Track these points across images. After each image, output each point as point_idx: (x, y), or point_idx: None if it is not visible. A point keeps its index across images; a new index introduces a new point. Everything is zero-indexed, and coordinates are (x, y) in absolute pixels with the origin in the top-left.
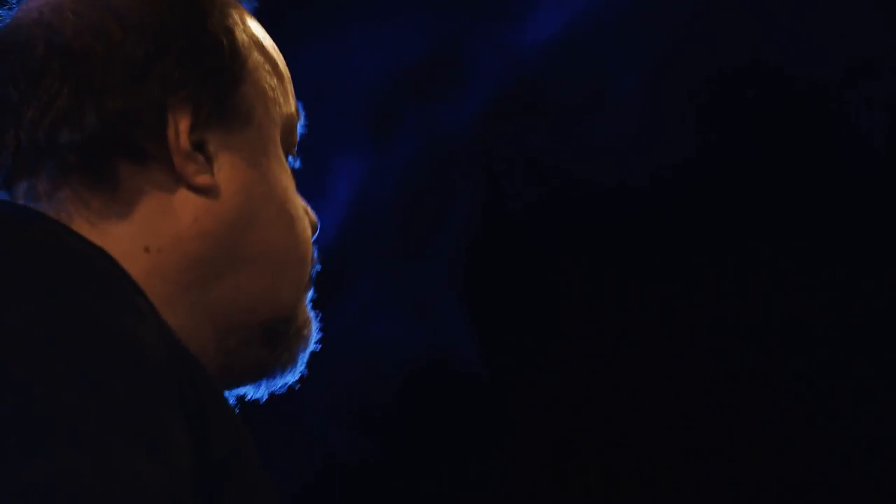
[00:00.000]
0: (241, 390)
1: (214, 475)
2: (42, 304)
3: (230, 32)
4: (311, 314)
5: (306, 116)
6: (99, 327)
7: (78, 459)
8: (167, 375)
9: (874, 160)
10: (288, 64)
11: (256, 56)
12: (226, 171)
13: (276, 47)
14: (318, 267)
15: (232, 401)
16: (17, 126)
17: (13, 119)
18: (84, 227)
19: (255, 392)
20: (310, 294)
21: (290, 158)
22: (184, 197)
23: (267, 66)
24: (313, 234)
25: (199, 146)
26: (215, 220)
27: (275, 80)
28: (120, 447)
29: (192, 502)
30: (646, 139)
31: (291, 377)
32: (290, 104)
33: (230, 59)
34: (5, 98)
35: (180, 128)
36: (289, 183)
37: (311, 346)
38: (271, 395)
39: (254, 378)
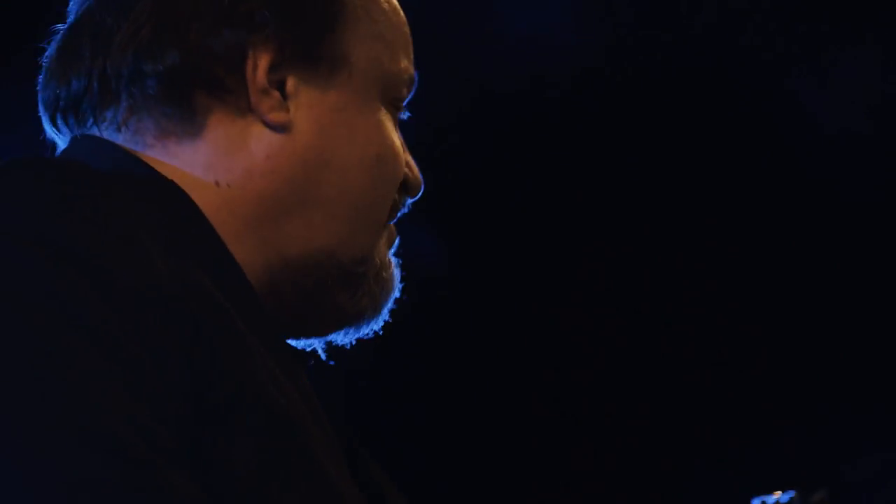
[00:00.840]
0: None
1: (217, 412)
2: (37, 251)
3: None
4: (392, 258)
5: None
6: (93, 270)
7: (56, 400)
8: (171, 313)
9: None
10: None
11: (366, 8)
12: (303, 111)
13: (397, 7)
14: (404, 210)
15: (320, 348)
16: (105, 54)
17: (103, 47)
18: (157, 158)
19: (342, 339)
20: (396, 243)
21: (400, 115)
22: (258, 132)
23: (380, 20)
24: (414, 195)
25: (279, 85)
26: (288, 158)
27: (384, 36)
28: (99, 386)
29: (175, 436)
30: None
31: (375, 324)
32: (399, 62)
33: (327, 4)
34: (100, 25)
35: (259, 64)
36: (377, 132)
37: (394, 292)
38: None
39: (336, 324)
